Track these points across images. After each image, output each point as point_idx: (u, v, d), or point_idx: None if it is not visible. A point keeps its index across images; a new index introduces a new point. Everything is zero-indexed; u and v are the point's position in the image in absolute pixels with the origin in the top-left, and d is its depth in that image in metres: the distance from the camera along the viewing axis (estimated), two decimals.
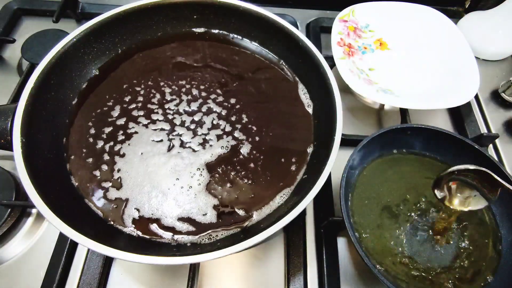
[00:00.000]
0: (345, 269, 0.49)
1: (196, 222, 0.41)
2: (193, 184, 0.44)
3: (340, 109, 0.44)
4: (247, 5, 0.53)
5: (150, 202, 0.43)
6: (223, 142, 0.47)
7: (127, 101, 0.50)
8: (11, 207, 0.48)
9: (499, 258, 0.44)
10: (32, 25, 0.72)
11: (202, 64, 0.55)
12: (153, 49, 0.55)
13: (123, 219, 0.41)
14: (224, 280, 0.47)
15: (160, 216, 0.42)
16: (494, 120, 0.65)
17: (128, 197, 0.43)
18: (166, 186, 0.44)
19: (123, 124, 0.48)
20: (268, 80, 0.54)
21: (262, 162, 0.46)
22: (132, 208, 0.42)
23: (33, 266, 0.47)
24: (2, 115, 0.41)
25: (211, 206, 0.42)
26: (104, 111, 0.49)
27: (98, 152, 0.46)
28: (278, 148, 0.47)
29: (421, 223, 0.46)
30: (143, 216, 0.42)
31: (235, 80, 0.53)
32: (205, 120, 0.49)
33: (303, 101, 0.52)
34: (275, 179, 0.45)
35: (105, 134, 0.47)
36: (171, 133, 0.48)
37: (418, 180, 0.49)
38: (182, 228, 0.41)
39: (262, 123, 0.49)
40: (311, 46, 0.49)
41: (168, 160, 0.45)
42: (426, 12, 0.68)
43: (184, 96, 0.51)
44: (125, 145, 0.46)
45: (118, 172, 0.44)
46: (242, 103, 0.51)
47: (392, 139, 0.50)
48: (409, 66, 0.64)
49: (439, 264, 0.43)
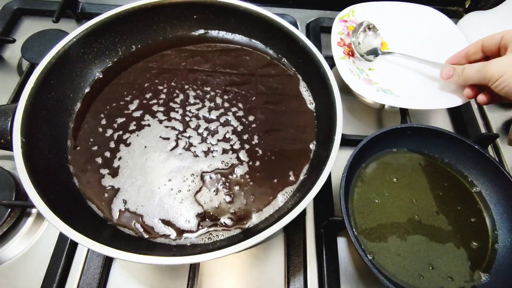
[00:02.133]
0: (345, 269, 0.49)
1: (176, 227, 0.41)
2: (183, 189, 0.44)
3: (340, 109, 0.44)
4: (247, 5, 0.53)
5: (138, 197, 0.43)
6: (226, 157, 0.47)
7: (147, 97, 0.51)
8: (11, 207, 0.48)
9: (495, 257, 0.44)
10: (32, 25, 0.72)
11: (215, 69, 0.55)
12: (159, 52, 0.56)
13: (111, 208, 0.42)
14: (224, 280, 0.47)
15: (144, 213, 0.42)
16: (494, 120, 0.65)
17: (120, 187, 0.43)
18: (157, 185, 0.44)
19: (138, 116, 0.49)
20: (274, 77, 0.54)
21: (263, 165, 0.46)
22: (120, 199, 0.43)
23: (33, 266, 0.47)
24: (2, 115, 0.41)
25: (194, 215, 0.42)
26: (120, 104, 0.50)
27: (105, 140, 0.47)
28: (281, 150, 0.48)
29: (421, 222, 0.46)
30: (128, 209, 0.42)
31: (242, 83, 0.54)
32: (221, 131, 0.49)
33: (305, 99, 0.52)
34: (278, 179, 0.45)
35: (117, 124, 0.48)
36: (181, 133, 0.48)
37: (418, 180, 0.49)
38: (161, 230, 0.41)
39: (269, 142, 0.48)
40: (311, 46, 0.49)
41: (168, 158, 0.46)
42: (426, 12, 0.68)
43: (207, 102, 0.51)
44: (133, 135, 0.47)
45: (119, 160, 0.45)
46: (258, 122, 0.50)
47: (392, 139, 0.50)
48: (409, 66, 0.63)
49: (438, 262, 0.43)
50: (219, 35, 0.58)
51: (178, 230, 0.41)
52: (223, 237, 0.41)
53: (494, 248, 0.45)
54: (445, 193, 0.48)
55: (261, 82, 0.53)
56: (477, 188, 0.49)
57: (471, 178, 0.49)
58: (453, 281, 0.42)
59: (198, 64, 0.55)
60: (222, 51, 0.56)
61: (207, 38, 0.58)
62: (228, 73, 0.54)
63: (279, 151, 0.47)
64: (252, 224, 0.42)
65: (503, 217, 0.46)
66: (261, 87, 0.53)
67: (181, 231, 0.41)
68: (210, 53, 0.56)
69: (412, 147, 0.52)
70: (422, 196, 0.48)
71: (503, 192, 0.46)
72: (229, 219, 0.42)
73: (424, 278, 0.42)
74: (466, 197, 0.48)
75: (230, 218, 0.42)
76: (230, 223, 0.42)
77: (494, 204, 0.47)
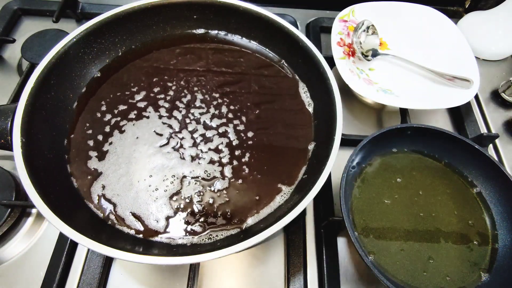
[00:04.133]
0: (345, 269, 0.49)
1: (145, 224, 0.41)
2: (161, 188, 0.44)
3: (340, 109, 0.44)
4: (247, 5, 0.53)
5: (116, 185, 0.43)
6: (210, 168, 0.45)
7: (155, 91, 0.51)
8: (11, 207, 0.48)
9: (495, 257, 0.44)
10: (32, 25, 0.72)
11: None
12: (158, 50, 0.56)
13: (90, 191, 0.42)
14: (224, 280, 0.47)
15: (117, 203, 0.42)
16: (494, 120, 0.65)
17: (103, 172, 0.44)
18: (138, 178, 0.44)
19: (142, 106, 0.50)
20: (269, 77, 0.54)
21: (260, 164, 0.46)
22: (100, 184, 0.43)
23: (33, 266, 0.47)
24: (2, 115, 0.41)
25: (164, 216, 0.42)
26: (126, 94, 0.51)
27: (101, 124, 0.47)
28: (279, 148, 0.47)
29: (421, 222, 0.46)
30: (105, 195, 0.42)
31: (236, 82, 0.53)
32: (216, 141, 0.48)
33: (303, 100, 0.52)
34: (276, 179, 0.45)
35: (118, 110, 0.49)
36: (176, 133, 0.48)
37: (418, 180, 0.49)
38: (131, 223, 0.41)
39: (266, 142, 0.48)
40: (311, 46, 0.49)
41: (155, 154, 0.46)
42: (426, 12, 0.68)
43: (212, 109, 0.50)
44: (130, 124, 0.48)
45: (110, 145, 0.46)
46: (256, 139, 0.48)
47: (392, 139, 0.50)
48: (409, 66, 0.63)
49: (437, 262, 0.43)
50: (219, 35, 0.58)
51: (146, 227, 0.41)
52: (223, 237, 0.41)
53: (494, 248, 0.45)
54: (445, 193, 0.48)
55: (257, 82, 0.53)
56: (477, 188, 0.49)
57: (471, 178, 0.49)
58: (453, 281, 0.42)
59: (217, 65, 0.55)
60: (219, 51, 0.56)
61: (207, 38, 0.58)
62: (223, 73, 0.54)
63: (277, 151, 0.47)
64: (249, 225, 0.42)
65: (503, 217, 0.46)
66: (255, 86, 0.53)
67: (149, 229, 0.41)
68: (218, 54, 0.56)
69: (412, 147, 0.52)
70: (422, 196, 0.48)
71: (503, 192, 0.46)
72: (199, 226, 0.41)
73: (424, 278, 0.42)
74: (466, 197, 0.48)
75: (201, 225, 0.42)
76: (200, 230, 0.41)
77: (494, 204, 0.47)
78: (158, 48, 0.56)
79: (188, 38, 0.57)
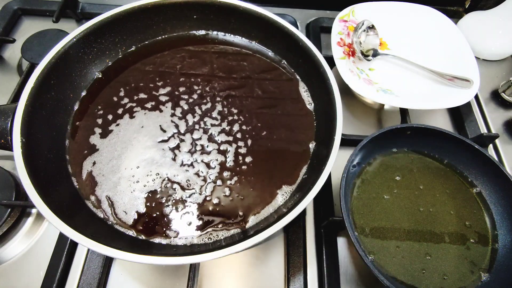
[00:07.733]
0: (345, 269, 0.49)
1: (115, 212, 0.41)
2: (141, 181, 0.44)
3: (340, 109, 0.44)
4: (247, 5, 0.53)
5: (105, 166, 0.44)
6: (194, 179, 0.44)
7: (181, 91, 0.52)
8: (11, 207, 0.48)
9: (495, 257, 0.44)
10: (32, 25, 0.72)
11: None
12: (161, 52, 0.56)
13: (82, 164, 0.43)
14: (224, 280, 0.47)
15: (99, 182, 0.43)
16: (494, 120, 0.65)
17: (99, 149, 0.45)
18: (125, 165, 0.44)
19: (165, 100, 0.50)
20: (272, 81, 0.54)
21: (260, 165, 0.46)
22: (93, 159, 0.44)
23: (33, 266, 0.47)
24: (2, 115, 0.41)
25: (135, 210, 0.42)
26: (151, 87, 0.52)
27: (114, 106, 0.49)
28: (280, 150, 0.47)
29: (421, 222, 0.46)
30: (91, 172, 0.43)
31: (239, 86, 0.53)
32: (212, 156, 0.46)
33: (304, 100, 0.52)
34: (277, 178, 0.45)
35: (137, 97, 0.50)
36: (178, 134, 0.48)
37: (418, 180, 0.49)
38: (104, 208, 0.41)
39: (266, 143, 0.47)
40: (311, 46, 0.49)
41: (150, 148, 0.46)
42: (426, 12, 0.68)
43: (225, 124, 0.49)
44: (142, 112, 0.49)
45: (116, 126, 0.47)
46: (252, 164, 0.46)
47: (392, 139, 0.50)
48: (409, 66, 0.64)
49: (438, 262, 0.43)
50: (219, 36, 0.58)
51: (115, 215, 0.41)
52: (223, 237, 0.41)
53: (494, 248, 0.45)
54: (445, 193, 0.48)
55: (259, 86, 0.53)
56: (477, 188, 0.49)
57: (471, 178, 0.49)
58: (453, 281, 0.42)
59: (229, 71, 0.54)
60: (220, 53, 0.56)
61: (208, 39, 0.58)
62: (227, 78, 0.54)
63: (278, 151, 0.47)
64: (252, 223, 0.42)
65: (503, 217, 0.46)
66: (257, 90, 0.53)
67: (118, 218, 0.41)
68: (222, 56, 0.56)
69: (412, 147, 0.52)
70: (422, 196, 0.48)
71: (503, 192, 0.46)
72: (172, 231, 0.41)
73: (424, 278, 0.42)
74: (466, 197, 0.48)
75: (173, 230, 0.41)
76: (173, 235, 0.41)
77: (494, 204, 0.47)
78: (163, 50, 0.56)
79: (189, 40, 0.57)
